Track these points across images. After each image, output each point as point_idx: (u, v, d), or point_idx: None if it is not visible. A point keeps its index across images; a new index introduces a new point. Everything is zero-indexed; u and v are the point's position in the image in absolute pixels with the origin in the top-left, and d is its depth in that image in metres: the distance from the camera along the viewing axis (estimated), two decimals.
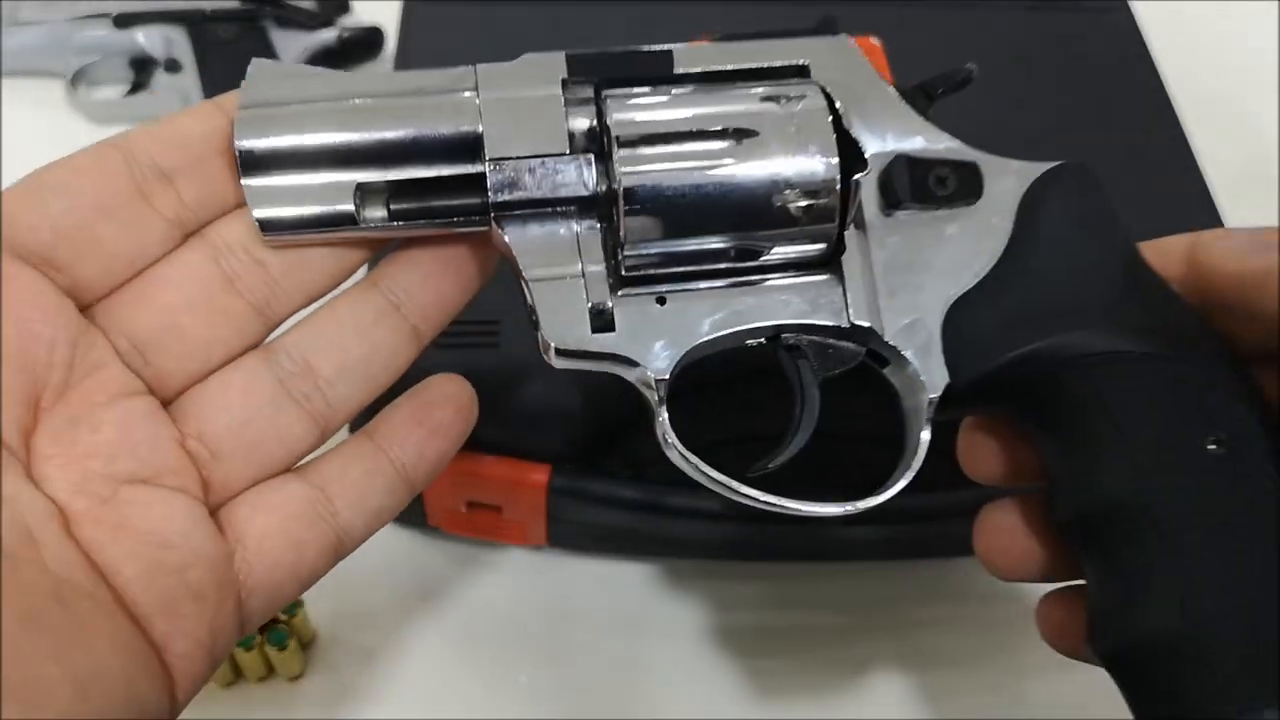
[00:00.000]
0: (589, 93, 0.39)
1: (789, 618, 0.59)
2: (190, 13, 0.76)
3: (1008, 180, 0.40)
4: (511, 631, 0.57)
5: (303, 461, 0.39)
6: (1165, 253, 0.40)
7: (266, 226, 0.37)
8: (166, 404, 0.37)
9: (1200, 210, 0.60)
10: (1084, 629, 0.38)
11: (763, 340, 0.40)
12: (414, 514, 0.57)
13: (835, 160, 0.38)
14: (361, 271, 0.40)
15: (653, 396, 0.39)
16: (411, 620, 0.58)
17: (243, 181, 0.37)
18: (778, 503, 0.39)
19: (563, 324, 0.38)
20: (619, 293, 0.39)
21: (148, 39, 0.77)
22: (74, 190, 0.36)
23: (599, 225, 0.39)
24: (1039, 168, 0.41)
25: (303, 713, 0.55)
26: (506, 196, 0.37)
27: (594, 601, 0.58)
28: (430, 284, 0.40)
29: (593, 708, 0.55)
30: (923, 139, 0.40)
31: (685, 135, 0.38)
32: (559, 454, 0.54)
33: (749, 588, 0.59)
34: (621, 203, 0.37)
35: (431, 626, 0.58)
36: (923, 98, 0.41)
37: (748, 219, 0.38)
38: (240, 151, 0.37)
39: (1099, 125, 0.64)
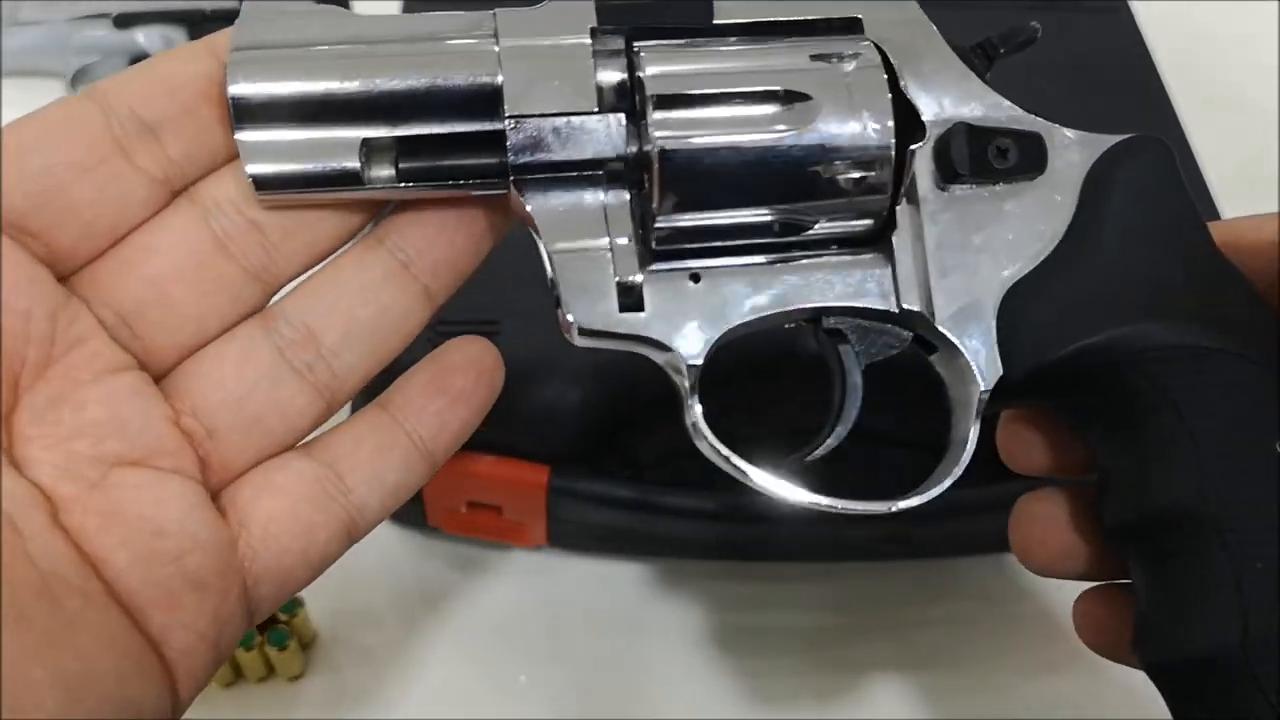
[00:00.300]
0: (620, 44, 0.34)
1: (789, 618, 0.57)
2: (190, 13, 0.74)
3: (1073, 153, 0.36)
4: (511, 631, 0.56)
5: (311, 437, 0.36)
6: (1243, 235, 0.36)
7: (261, 184, 0.33)
8: (158, 379, 0.34)
9: (1200, 210, 0.60)
10: (1127, 632, 0.35)
11: (802, 322, 0.36)
12: (414, 514, 0.56)
13: (891, 127, 0.34)
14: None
15: (683, 384, 0.35)
16: (412, 620, 0.56)
17: (235, 134, 0.33)
18: (813, 500, 0.36)
19: (587, 301, 0.34)
20: (649, 268, 0.35)
21: (148, 39, 0.74)
22: (46, 148, 0.32)
23: (629, 193, 0.34)
24: (1108, 140, 0.37)
25: (303, 713, 0.53)
26: (528, 158, 0.33)
27: (594, 601, 0.57)
28: (441, 240, 0.35)
29: (593, 708, 0.54)
30: (981, 105, 0.36)
31: (727, 96, 0.34)
32: (559, 454, 0.53)
33: (749, 588, 0.58)
34: (656, 168, 0.33)
35: (432, 626, 0.56)
36: (982, 58, 0.36)
37: (793, 190, 0.34)
38: (233, 99, 0.32)
39: (1099, 125, 0.64)
